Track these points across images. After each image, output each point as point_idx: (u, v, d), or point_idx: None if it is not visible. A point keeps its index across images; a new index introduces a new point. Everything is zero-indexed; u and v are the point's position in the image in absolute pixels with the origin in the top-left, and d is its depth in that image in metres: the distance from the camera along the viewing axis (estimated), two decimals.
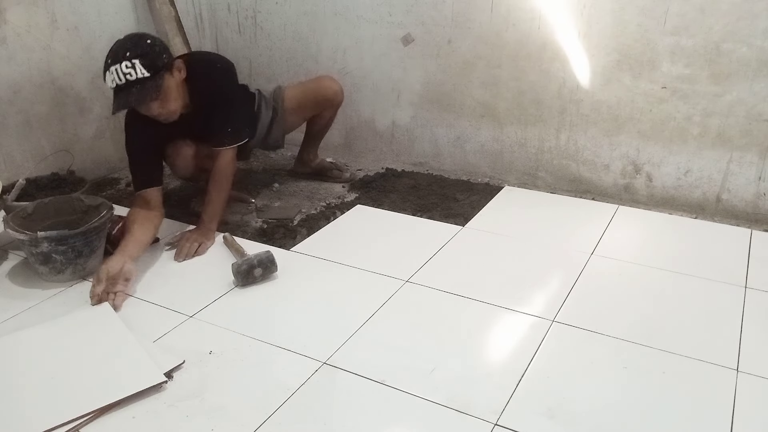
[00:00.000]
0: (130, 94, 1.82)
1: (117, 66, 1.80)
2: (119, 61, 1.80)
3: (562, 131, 2.44)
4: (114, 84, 1.83)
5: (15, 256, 2.01)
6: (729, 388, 1.40)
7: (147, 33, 1.93)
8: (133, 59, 1.80)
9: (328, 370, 1.46)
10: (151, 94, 1.84)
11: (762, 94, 2.07)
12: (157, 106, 1.88)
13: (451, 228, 2.19)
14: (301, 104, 2.43)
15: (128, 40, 1.86)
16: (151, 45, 1.86)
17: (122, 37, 1.88)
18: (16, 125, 2.35)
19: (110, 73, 1.82)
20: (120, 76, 1.80)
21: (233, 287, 1.82)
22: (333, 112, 2.52)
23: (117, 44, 1.85)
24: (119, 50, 1.82)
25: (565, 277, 1.86)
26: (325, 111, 2.48)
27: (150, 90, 1.84)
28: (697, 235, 2.15)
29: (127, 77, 1.80)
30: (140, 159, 2.06)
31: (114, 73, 1.81)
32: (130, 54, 1.81)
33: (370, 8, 2.61)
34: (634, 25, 2.17)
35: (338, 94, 2.45)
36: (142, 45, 1.84)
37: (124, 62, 1.80)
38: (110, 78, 1.82)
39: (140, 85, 1.82)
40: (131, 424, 1.30)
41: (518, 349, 1.53)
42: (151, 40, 1.88)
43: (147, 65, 1.81)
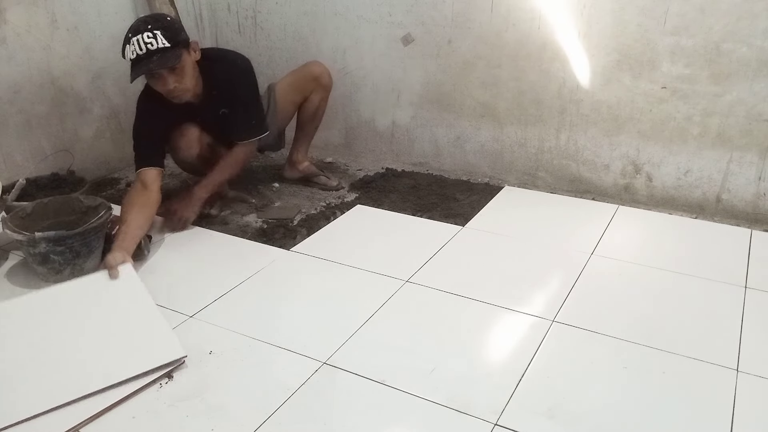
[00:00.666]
0: (150, 61, 1.90)
1: (139, 36, 1.89)
2: (141, 32, 1.90)
3: (562, 131, 2.44)
4: (134, 55, 1.90)
5: (15, 257, 2.01)
6: (729, 388, 1.40)
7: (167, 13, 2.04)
8: (155, 30, 1.90)
9: (328, 370, 1.46)
10: (171, 60, 1.92)
11: (762, 94, 2.07)
12: (173, 79, 1.96)
13: (451, 228, 2.19)
14: (290, 89, 2.45)
15: (148, 16, 1.97)
16: (171, 21, 1.98)
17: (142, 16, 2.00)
18: (16, 125, 2.35)
19: (131, 44, 1.90)
20: (141, 46, 1.88)
21: (233, 287, 1.82)
22: (321, 96, 2.46)
23: (137, 21, 1.96)
24: (140, 24, 1.93)
25: (565, 277, 1.86)
26: (313, 94, 2.45)
27: (170, 58, 1.92)
28: (697, 235, 2.15)
29: (148, 47, 1.89)
30: (146, 138, 2.12)
31: (135, 43, 1.89)
32: (151, 26, 1.91)
33: (370, 8, 2.61)
34: (634, 25, 2.17)
35: (324, 74, 2.43)
36: (162, 20, 1.96)
37: (146, 33, 1.89)
38: (131, 49, 1.90)
39: (161, 54, 1.90)
40: (131, 424, 1.30)
41: (518, 349, 1.53)
42: (170, 18, 2.00)
43: (168, 37, 1.91)
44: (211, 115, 2.18)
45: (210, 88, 2.12)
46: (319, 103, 2.49)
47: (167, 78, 1.95)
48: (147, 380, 1.40)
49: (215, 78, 2.12)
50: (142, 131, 2.13)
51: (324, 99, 2.49)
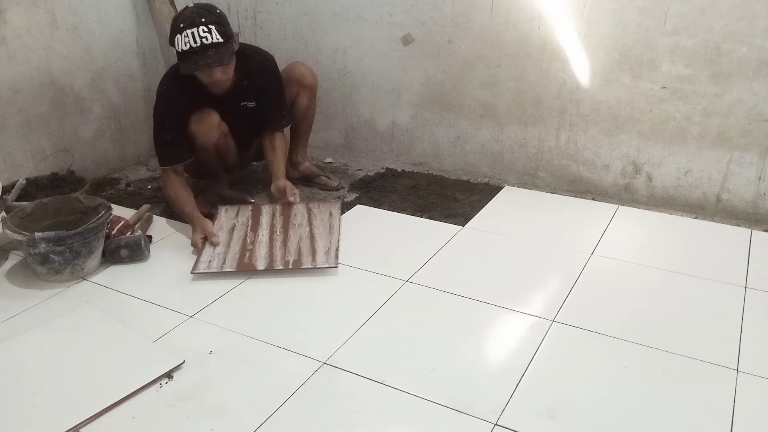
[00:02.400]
0: (207, 56, 1.94)
1: (194, 29, 1.92)
2: (196, 24, 1.93)
3: (562, 131, 2.44)
4: (188, 46, 1.94)
5: (15, 257, 2.01)
6: (729, 388, 1.40)
7: (213, 5, 2.04)
8: (210, 25, 1.94)
9: (328, 370, 1.46)
10: (227, 57, 1.99)
11: (762, 94, 2.07)
12: (221, 71, 2.01)
13: (451, 228, 2.19)
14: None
15: (200, 7, 1.99)
16: (221, 15, 2.00)
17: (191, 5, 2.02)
18: (16, 125, 2.35)
19: (185, 35, 1.93)
20: (196, 39, 1.92)
21: (233, 287, 1.82)
22: (308, 96, 2.45)
23: (189, 10, 1.98)
24: (194, 16, 1.95)
25: (565, 277, 1.86)
26: (299, 97, 2.44)
27: (225, 54, 1.98)
28: (697, 235, 2.15)
29: (203, 40, 1.93)
30: (172, 129, 2.13)
31: (189, 36, 1.92)
32: (206, 20, 1.94)
33: (370, 8, 2.61)
34: (634, 25, 2.17)
35: (305, 75, 2.42)
36: (215, 13, 1.99)
37: (201, 27, 1.93)
38: (184, 40, 1.93)
39: (215, 49, 1.95)
40: (131, 424, 1.30)
41: (518, 349, 1.53)
42: (219, 11, 2.02)
43: (221, 32, 1.96)
44: (233, 106, 2.22)
45: (240, 80, 2.16)
46: (308, 104, 2.48)
47: (216, 70, 2.00)
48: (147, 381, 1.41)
49: (247, 71, 2.17)
50: (167, 121, 2.12)
51: (311, 98, 2.49)
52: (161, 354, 1.50)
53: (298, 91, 2.43)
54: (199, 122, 2.15)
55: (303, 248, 1.96)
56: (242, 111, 2.25)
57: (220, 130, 2.21)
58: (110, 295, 1.79)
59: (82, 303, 1.74)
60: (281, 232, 2.05)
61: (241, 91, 2.20)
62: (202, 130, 2.16)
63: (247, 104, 2.24)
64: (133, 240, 1.94)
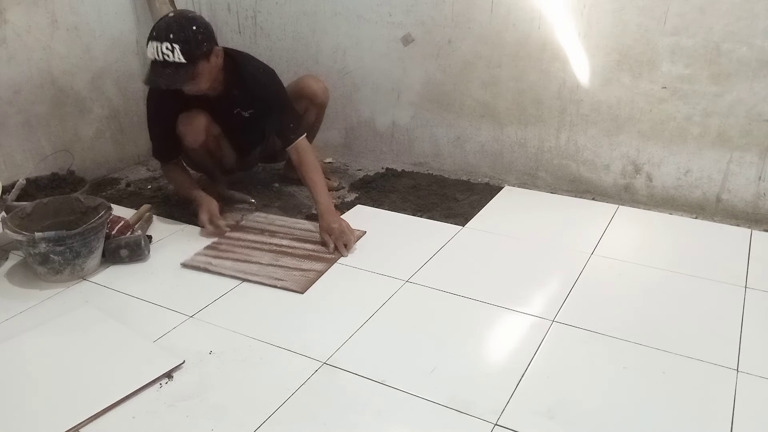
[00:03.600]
0: (162, 75, 1.93)
1: (158, 44, 1.91)
2: (161, 40, 1.91)
3: (562, 131, 2.44)
4: (152, 56, 1.93)
5: (15, 257, 2.01)
6: (729, 388, 1.40)
7: (196, 17, 2.00)
8: (174, 43, 1.89)
9: (328, 370, 1.46)
10: (180, 80, 1.95)
11: (762, 94, 2.07)
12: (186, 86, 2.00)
13: (451, 228, 2.19)
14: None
15: (176, 21, 1.94)
16: (195, 32, 1.93)
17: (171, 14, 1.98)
18: (16, 125, 2.35)
19: (152, 46, 1.93)
20: (158, 54, 1.91)
21: (232, 287, 1.82)
22: (317, 111, 2.43)
23: (165, 21, 1.95)
24: (165, 29, 1.92)
25: (565, 277, 1.86)
26: (308, 112, 2.40)
27: (181, 77, 1.94)
28: (697, 235, 2.15)
29: (165, 57, 1.91)
30: (162, 134, 2.18)
31: (154, 48, 1.92)
32: (174, 36, 1.90)
33: (370, 8, 2.61)
34: (634, 25, 2.17)
35: (318, 93, 2.37)
36: (186, 31, 1.91)
37: (166, 43, 1.90)
38: (150, 50, 1.94)
39: (174, 69, 1.92)
40: (131, 424, 1.30)
41: (518, 349, 1.53)
42: (197, 26, 1.95)
43: (186, 52, 1.90)
44: (226, 112, 2.20)
45: (230, 87, 2.13)
46: (316, 119, 2.46)
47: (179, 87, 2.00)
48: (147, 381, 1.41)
49: (239, 80, 2.13)
50: (156, 127, 2.19)
51: (320, 114, 2.46)
52: (161, 354, 1.50)
53: (307, 107, 2.39)
54: (186, 123, 2.14)
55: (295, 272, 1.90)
56: (237, 118, 2.22)
57: (207, 132, 2.19)
58: (110, 295, 1.79)
59: (82, 303, 1.74)
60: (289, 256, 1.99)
61: (233, 98, 2.16)
62: (188, 131, 2.15)
63: (242, 112, 2.21)
64: (133, 240, 1.94)
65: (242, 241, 2.07)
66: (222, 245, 2.05)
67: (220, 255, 1.98)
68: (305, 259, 1.96)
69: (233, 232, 2.14)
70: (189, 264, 1.93)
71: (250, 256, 1.97)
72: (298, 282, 1.83)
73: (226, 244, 2.05)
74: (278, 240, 2.07)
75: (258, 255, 1.98)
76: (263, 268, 1.91)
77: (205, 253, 2.00)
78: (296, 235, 2.12)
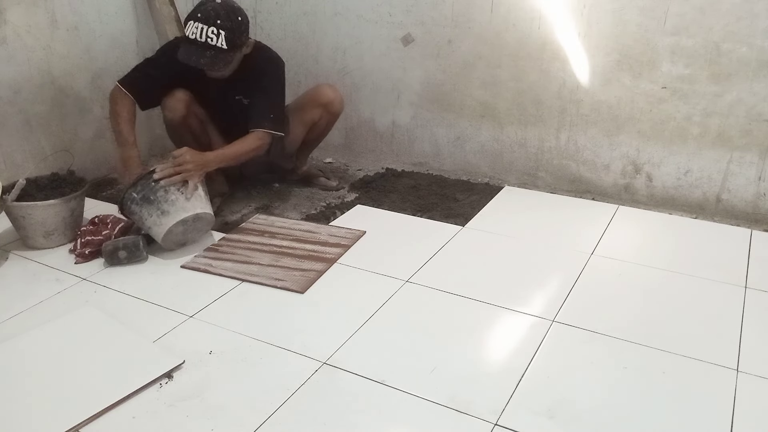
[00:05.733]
0: (203, 56, 1.99)
1: (205, 26, 1.97)
2: (208, 23, 1.96)
3: (562, 131, 2.44)
4: (193, 36, 1.97)
5: (15, 257, 2.01)
6: (729, 388, 1.40)
7: (240, 8, 2.06)
8: (221, 30, 1.97)
9: (328, 370, 1.46)
10: (219, 65, 2.04)
11: (762, 94, 2.07)
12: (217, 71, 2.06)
13: (451, 228, 2.19)
14: (300, 112, 2.42)
15: (223, 8, 2.00)
16: (239, 23, 2.02)
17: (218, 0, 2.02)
18: (16, 125, 2.35)
19: (195, 26, 1.96)
20: (202, 35, 1.96)
21: (232, 288, 1.82)
22: (328, 120, 2.44)
23: (212, 5, 1.99)
24: (213, 14, 1.99)
25: (565, 277, 1.86)
26: (321, 120, 2.42)
27: (221, 62, 2.03)
28: (697, 235, 2.15)
29: (208, 40, 1.97)
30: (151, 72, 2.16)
31: (198, 29, 1.96)
32: (220, 23, 1.97)
33: (370, 8, 2.61)
34: (634, 25, 2.17)
35: (334, 102, 2.38)
36: (233, 19, 2.00)
37: (213, 27, 1.97)
38: (192, 30, 1.97)
39: (214, 53, 2.00)
40: (131, 424, 1.30)
41: (518, 349, 1.53)
42: (242, 17, 2.04)
43: (229, 40, 1.99)
44: (227, 96, 2.23)
45: (238, 73, 2.17)
46: (326, 126, 2.48)
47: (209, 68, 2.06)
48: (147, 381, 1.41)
49: (249, 68, 2.17)
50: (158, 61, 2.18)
51: (331, 122, 2.47)
52: (161, 354, 1.50)
53: (321, 115, 2.40)
54: (169, 96, 2.17)
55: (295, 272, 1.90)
56: (235, 105, 2.26)
57: (188, 109, 2.20)
58: (110, 295, 1.79)
59: (82, 303, 1.74)
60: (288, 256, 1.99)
61: (237, 84, 2.20)
62: (169, 104, 2.18)
63: (242, 99, 2.25)
64: (131, 241, 1.94)
65: (242, 242, 2.07)
66: (222, 247, 2.05)
67: (220, 256, 1.98)
68: (305, 259, 1.96)
69: (233, 234, 2.13)
70: (189, 266, 1.93)
71: (250, 257, 1.97)
72: (298, 282, 1.83)
73: (226, 246, 2.05)
74: (278, 241, 2.07)
75: (258, 256, 1.98)
76: (263, 268, 1.91)
77: (205, 255, 2.00)
78: (296, 236, 2.12)
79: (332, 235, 2.11)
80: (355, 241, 2.07)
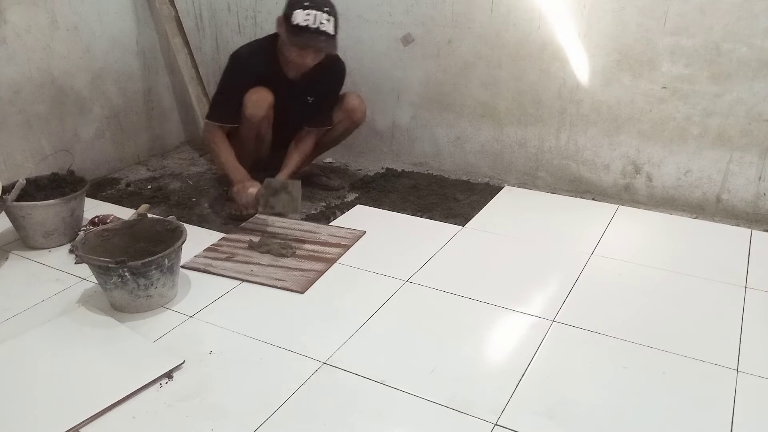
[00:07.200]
0: (319, 40, 2.08)
1: (318, 12, 2.05)
2: (320, 9, 2.06)
3: (562, 131, 2.44)
4: (305, 23, 2.03)
5: (15, 257, 2.01)
6: (729, 388, 1.40)
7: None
8: (330, 16, 2.08)
9: (328, 370, 1.46)
10: (334, 48, 2.13)
11: (762, 94, 2.07)
12: (315, 57, 2.14)
13: (451, 228, 2.19)
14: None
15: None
16: (336, 11, 2.12)
17: None
18: (16, 125, 2.35)
19: (307, 13, 2.03)
20: (316, 22, 2.04)
21: (232, 288, 1.82)
22: (348, 126, 2.46)
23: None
24: (320, 1, 2.06)
25: (565, 277, 1.86)
26: (340, 124, 2.45)
27: (334, 46, 2.12)
28: (697, 235, 2.15)
29: (320, 26, 2.05)
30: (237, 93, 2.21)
31: (312, 16, 2.04)
32: (328, 10, 2.08)
33: (370, 8, 2.61)
34: (634, 25, 2.17)
35: (357, 111, 2.42)
36: (334, 7, 2.11)
37: (324, 14, 2.06)
38: (305, 17, 2.03)
39: (326, 38, 2.09)
40: (131, 424, 1.30)
41: (518, 349, 1.53)
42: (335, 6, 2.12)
43: (335, 26, 2.10)
44: (299, 98, 2.29)
45: (311, 73, 2.22)
46: (343, 132, 2.49)
47: (314, 55, 2.12)
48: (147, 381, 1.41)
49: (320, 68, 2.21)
50: (235, 84, 2.21)
51: (350, 130, 2.49)
52: (161, 354, 1.50)
53: (342, 120, 2.44)
54: (254, 92, 2.20)
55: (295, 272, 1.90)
56: (303, 105, 2.32)
57: (268, 111, 2.24)
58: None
59: (83, 303, 1.74)
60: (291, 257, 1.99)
61: (310, 84, 2.26)
62: (253, 100, 2.20)
63: (309, 99, 2.31)
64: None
65: (242, 242, 2.07)
66: (222, 247, 2.05)
67: (219, 257, 1.98)
68: (305, 260, 1.96)
69: (233, 234, 2.14)
70: (189, 266, 1.93)
71: (250, 257, 1.97)
72: (299, 282, 1.83)
73: (226, 246, 2.05)
74: (279, 241, 2.07)
75: (258, 256, 1.98)
76: (263, 268, 1.91)
77: (204, 255, 2.00)
78: (296, 236, 2.12)
79: (332, 235, 2.11)
80: (355, 241, 2.07)
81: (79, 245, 1.78)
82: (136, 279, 1.62)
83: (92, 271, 1.70)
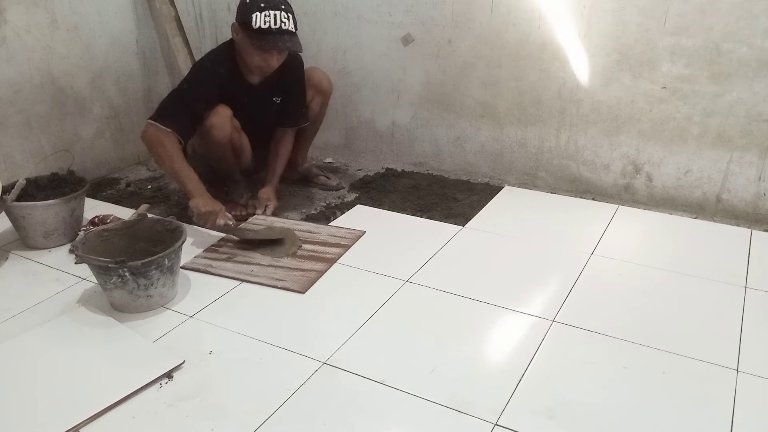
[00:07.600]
0: (284, 40, 2.03)
1: (276, 12, 2.01)
2: (277, 8, 1.99)
3: (562, 131, 2.44)
4: (266, 25, 1.99)
5: (15, 256, 2.01)
6: (729, 388, 1.40)
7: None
8: (288, 13, 2.04)
9: (328, 370, 1.46)
10: (298, 46, 2.09)
11: (762, 94, 2.07)
12: (279, 58, 2.11)
13: (451, 228, 2.19)
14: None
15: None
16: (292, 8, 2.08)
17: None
18: (16, 125, 2.35)
19: (266, 15, 1.99)
20: (277, 21, 2.00)
21: (232, 288, 1.82)
22: (321, 101, 2.46)
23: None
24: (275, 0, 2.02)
25: (565, 277, 1.86)
26: (313, 102, 2.44)
27: (297, 44, 2.09)
28: (697, 235, 2.15)
29: (282, 25, 2.01)
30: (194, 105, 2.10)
31: (271, 16, 2.00)
32: (285, 8, 2.04)
33: (370, 8, 2.61)
34: (634, 25, 2.17)
35: (323, 80, 2.44)
36: (290, 5, 2.07)
37: (283, 12, 2.02)
38: (264, 19, 1.99)
39: (290, 36, 2.05)
40: (131, 424, 1.30)
41: (518, 349, 1.53)
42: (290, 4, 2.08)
43: (295, 23, 2.07)
44: (264, 100, 2.27)
45: (273, 74, 2.19)
46: (320, 109, 2.49)
47: (278, 56, 2.09)
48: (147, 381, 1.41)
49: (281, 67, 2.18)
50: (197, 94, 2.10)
51: (324, 104, 2.50)
52: (161, 354, 1.50)
53: (313, 96, 2.44)
54: (215, 114, 2.13)
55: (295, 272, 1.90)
56: (270, 106, 2.30)
57: (232, 125, 2.20)
58: None
59: (83, 303, 1.74)
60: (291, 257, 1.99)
61: (272, 85, 2.24)
62: (217, 123, 2.13)
63: (275, 100, 2.29)
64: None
65: (242, 242, 2.07)
66: (222, 248, 2.05)
67: (219, 257, 1.98)
68: (305, 259, 1.96)
69: (232, 235, 2.13)
70: (189, 266, 1.93)
71: (250, 257, 1.97)
72: (299, 282, 1.83)
73: (226, 247, 2.05)
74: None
75: (258, 256, 1.98)
76: (263, 269, 1.91)
77: (204, 255, 2.00)
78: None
79: (332, 235, 2.11)
80: (355, 241, 2.07)
81: (79, 245, 1.78)
82: (136, 279, 1.63)
83: (92, 271, 1.70)
